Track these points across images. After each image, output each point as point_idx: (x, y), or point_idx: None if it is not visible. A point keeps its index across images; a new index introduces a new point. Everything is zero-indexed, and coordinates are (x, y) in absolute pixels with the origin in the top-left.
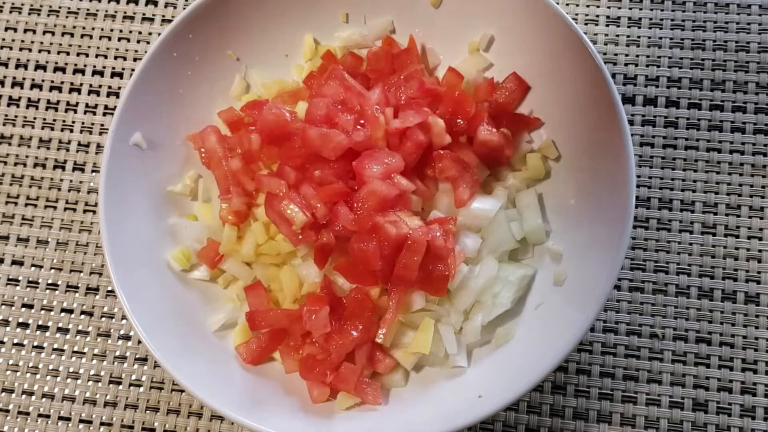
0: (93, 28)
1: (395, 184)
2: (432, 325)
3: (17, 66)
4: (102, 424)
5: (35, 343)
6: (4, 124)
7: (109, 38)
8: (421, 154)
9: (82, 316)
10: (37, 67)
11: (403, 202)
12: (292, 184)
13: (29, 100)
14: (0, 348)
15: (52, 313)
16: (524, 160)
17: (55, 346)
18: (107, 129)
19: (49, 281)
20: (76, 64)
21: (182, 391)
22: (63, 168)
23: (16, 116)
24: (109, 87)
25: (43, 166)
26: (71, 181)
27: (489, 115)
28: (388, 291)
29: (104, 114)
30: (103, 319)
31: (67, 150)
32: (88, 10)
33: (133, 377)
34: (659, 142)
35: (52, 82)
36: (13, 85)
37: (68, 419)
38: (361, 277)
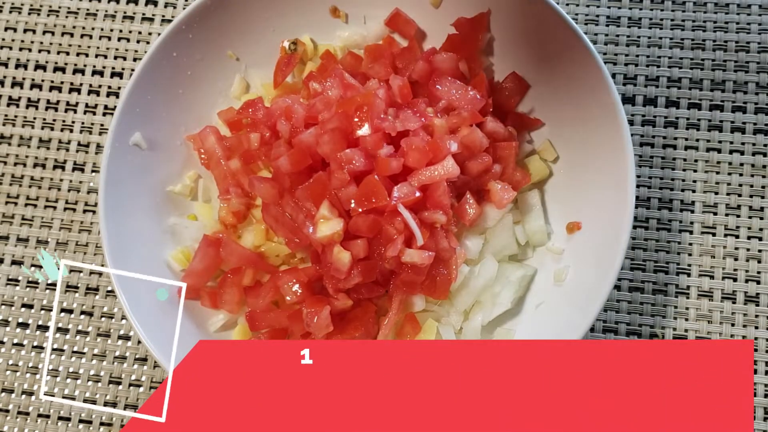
0: (93, 28)
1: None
2: (434, 327)
3: (17, 66)
4: (102, 424)
5: (35, 343)
6: (4, 124)
7: (109, 38)
8: None
9: (82, 316)
10: (37, 67)
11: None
12: (287, 188)
13: (29, 100)
14: (0, 348)
15: (52, 313)
16: (524, 163)
17: (55, 346)
18: (107, 129)
19: (49, 281)
20: (76, 64)
21: None
22: (63, 168)
23: (16, 116)
24: (109, 87)
25: (43, 166)
26: (71, 181)
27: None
28: (389, 292)
29: (104, 114)
30: (103, 319)
31: (67, 150)
32: (88, 10)
33: (133, 377)
34: (659, 142)
35: (52, 82)
36: (13, 85)
37: (68, 419)
38: None
